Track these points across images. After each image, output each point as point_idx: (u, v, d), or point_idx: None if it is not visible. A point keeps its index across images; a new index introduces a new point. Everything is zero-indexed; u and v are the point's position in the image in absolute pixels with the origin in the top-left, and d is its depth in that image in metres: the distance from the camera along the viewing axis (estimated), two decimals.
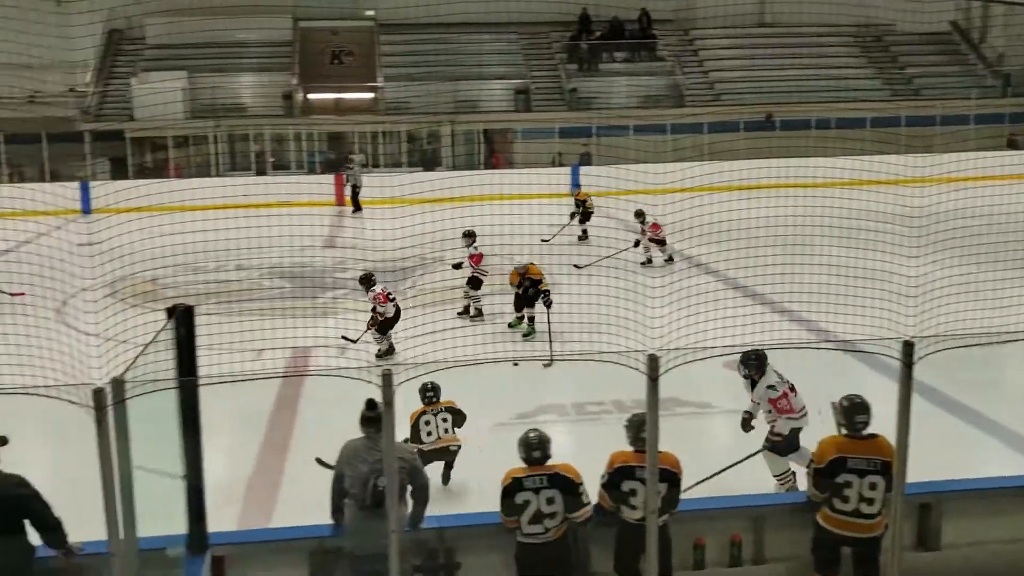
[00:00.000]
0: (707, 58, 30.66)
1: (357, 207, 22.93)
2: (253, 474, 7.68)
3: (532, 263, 11.59)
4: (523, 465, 5.13)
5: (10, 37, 12.37)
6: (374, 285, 10.80)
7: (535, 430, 5.24)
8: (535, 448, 5.11)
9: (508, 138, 28.90)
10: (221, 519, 5.67)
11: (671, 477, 5.09)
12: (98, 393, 4.06)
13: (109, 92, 27.42)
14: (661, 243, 15.72)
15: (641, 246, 15.75)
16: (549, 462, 5.14)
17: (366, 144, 28.09)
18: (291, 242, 14.34)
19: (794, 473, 6.96)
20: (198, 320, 5.29)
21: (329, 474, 5.44)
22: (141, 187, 15.31)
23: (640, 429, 5.02)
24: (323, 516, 5.38)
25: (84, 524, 4.95)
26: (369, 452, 5.11)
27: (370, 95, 28.46)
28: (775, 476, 7.00)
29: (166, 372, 5.12)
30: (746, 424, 7.11)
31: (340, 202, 24.51)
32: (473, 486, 7.08)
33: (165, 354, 5.14)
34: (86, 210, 22.03)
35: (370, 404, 5.15)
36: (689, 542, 5.51)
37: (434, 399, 7.17)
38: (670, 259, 15.75)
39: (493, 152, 28.90)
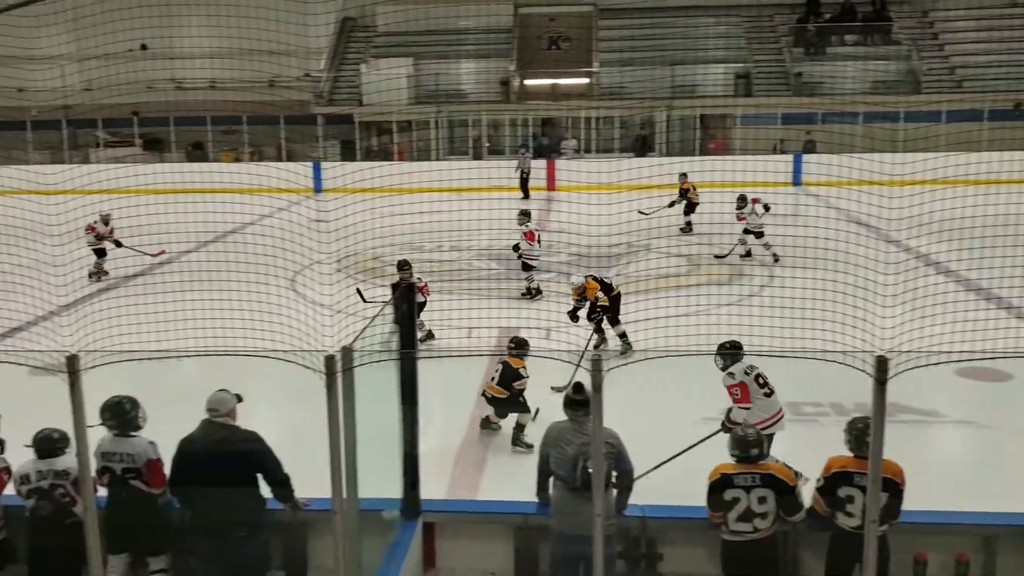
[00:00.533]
0: (948, 41, 28.47)
1: (526, 194, 23.12)
2: (461, 447, 7.92)
3: (589, 279, 10.32)
4: (731, 461, 5.01)
5: (254, 25, 13.27)
6: (411, 271, 10.69)
7: (751, 427, 5.08)
8: (753, 446, 4.97)
9: (727, 124, 28.15)
10: (432, 487, 5.90)
11: (893, 487, 4.80)
12: (330, 360, 4.29)
13: (341, 77, 29.06)
14: (759, 234, 14.80)
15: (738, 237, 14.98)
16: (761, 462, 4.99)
17: (579, 129, 28.24)
18: (502, 225, 14.63)
19: None
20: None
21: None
22: (367, 169, 16.14)
23: (863, 434, 4.76)
24: (524, 492, 5.48)
25: (308, 482, 5.31)
26: (575, 435, 5.14)
27: (585, 80, 28.55)
28: None
29: (388, 344, 5.38)
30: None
31: (551, 187, 24.82)
32: (680, 477, 6.97)
33: (388, 327, 5.41)
34: (318, 189, 23.53)
35: (578, 388, 5.18)
36: (909, 556, 5.17)
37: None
38: (775, 258, 14.56)
39: (710, 138, 28.26)
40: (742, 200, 15.00)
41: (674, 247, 14.93)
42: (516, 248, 13.11)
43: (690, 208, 17.33)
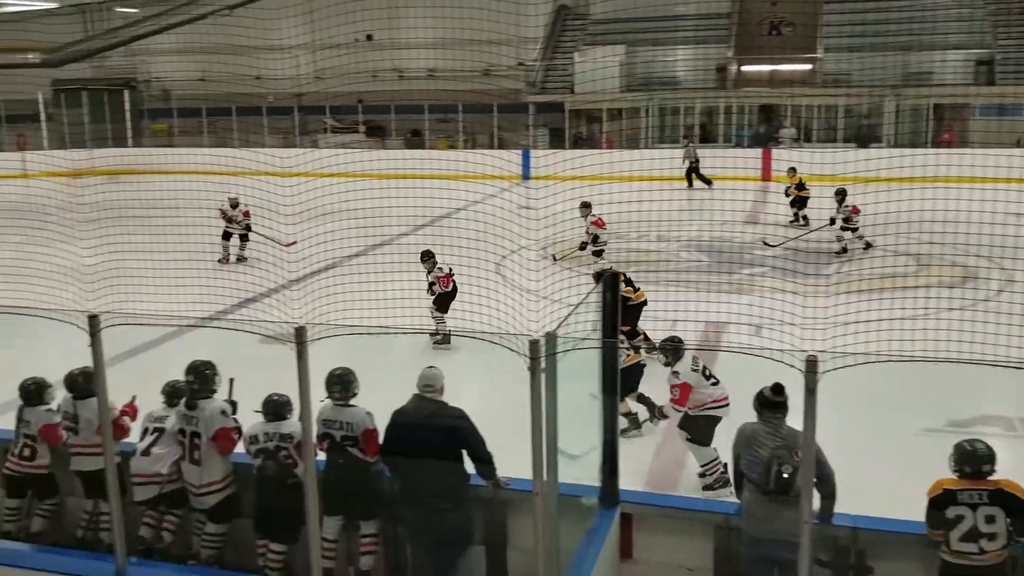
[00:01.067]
0: None
1: (690, 183, 22.99)
2: (662, 441, 7.83)
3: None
4: (953, 476, 4.65)
5: (472, 15, 13.60)
6: (435, 261, 10.74)
7: (980, 441, 4.70)
8: (985, 461, 4.60)
9: (964, 115, 26.10)
10: (629, 479, 5.86)
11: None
12: (534, 344, 4.35)
13: (553, 66, 29.37)
14: (854, 229, 14.83)
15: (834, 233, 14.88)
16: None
17: (799, 118, 27.09)
18: (712, 216, 14.27)
19: (724, 464, 6.58)
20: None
21: None
22: (576, 157, 16.21)
23: None
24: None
25: (509, 462, 5.41)
26: (768, 437, 4.93)
27: (807, 67, 27.33)
28: (701, 466, 6.90)
29: (591, 332, 5.38)
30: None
31: (766, 177, 23.99)
32: (894, 490, 6.56)
33: (591, 315, 5.41)
34: (526, 176, 23.94)
35: (777, 389, 4.97)
36: None
37: None
38: (867, 246, 14.81)
39: (944, 129, 26.30)
40: (841, 194, 15.03)
41: (901, 244, 14.00)
42: (583, 246, 13.41)
43: (801, 203, 17.52)
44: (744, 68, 28.04)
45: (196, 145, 27.88)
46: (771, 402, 5.00)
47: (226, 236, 15.10)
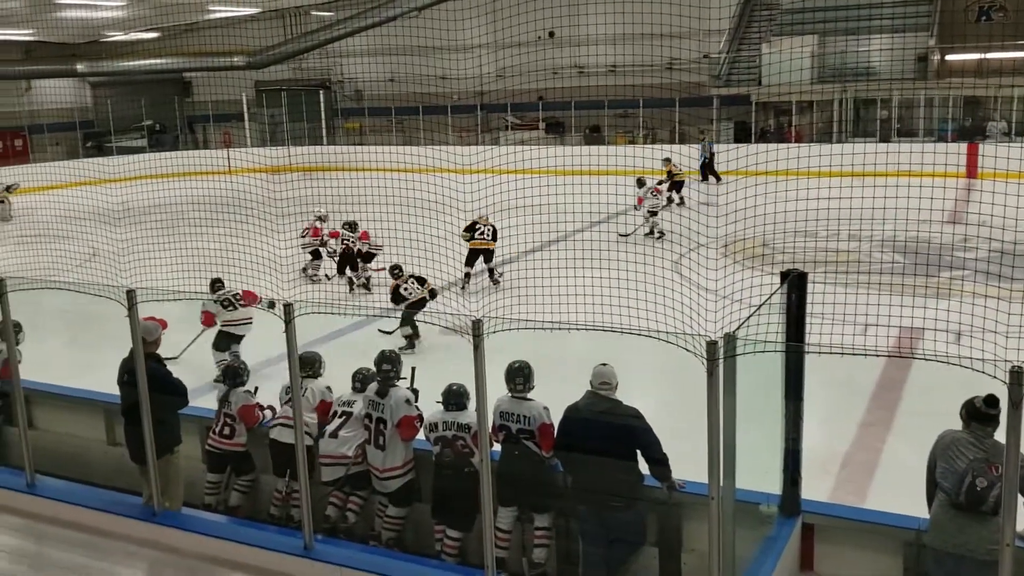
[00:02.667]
0: None
1: (704, 177, 23.39)
2: (849, 450, 7.46)
3: None
4: None
5: (655, 9, 13.42)
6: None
7: None
8: None
9: None
10: (813, 488, 5.62)
11: None
12: (712, 346, 4.25)
13: (739, 58, 28.56)
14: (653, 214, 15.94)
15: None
16: None
17: (1010, 110, 25.10)
18: (909, 215, 13.46)
19: None
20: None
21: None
22: (762, 151, 15.65)
23: None
24: (918, 507, 5.00)
25: (682, 464, 5.32)
26: (969, 448, 4.58)
27: (1022, 54, 25.26)
28: None
29: (774, 335, 5.18)
30: None
31: (971, 174, 22.37)
32: None
33: (774, 317, 5.21)
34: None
35: (991, 401, 4.60)
36: None
37: None
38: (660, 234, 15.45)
39: None
40: (640, 183, 16.51)
41: None
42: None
43: (677, 187, 19.33)
44: (949, 57, 26.25)
45: (385, 143, 29.02)
46: (982, 414, 4.65)
47: (316, 255, 14.71)
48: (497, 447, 5.64)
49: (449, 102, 29.24)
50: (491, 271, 13.47)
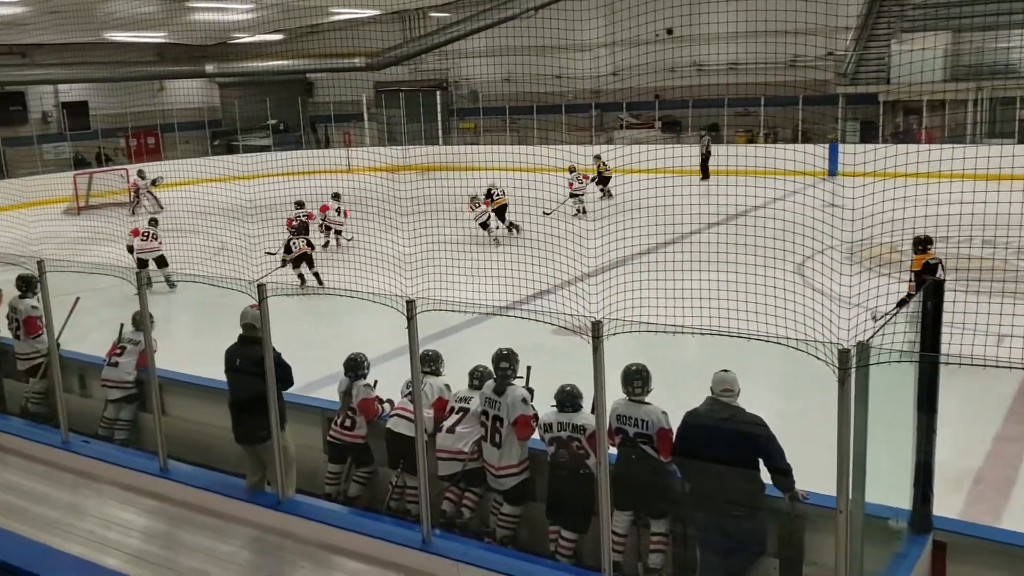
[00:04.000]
0: None
1: (705, 174, 23.92)
2: (984, 465, 7.11)
3: None
4: None
5: (779, 5, 13.07)
6: None
7: None
8: None
9: None
10: (945, 504, 5.37)
11: None
12: (844, 354, 4.11)
13: (867, 55, 27.55)
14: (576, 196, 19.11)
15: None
16: None
17: None
18: None
19: None
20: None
21: None
22: (889, 152, 15.07)
23: None
24: None
25: (806, 474, 5.16)
26: None
27: None
28: None
29: (906, 344, 4.97)
30: None
31: None
32: None
33: (907, 325, 5.00)
34: (833, 172, 22.65)
35: None
36: None
37: None
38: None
39: None
40: (571, 171, 19.94)
41: None
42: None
43: (603, 181, 22.04)
44: None
45: (499, 142, 29.23)
46: None
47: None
48: (613, 450, 5.59)
49: (564, 101, 29.22)
50: (511, 225, 17.99)
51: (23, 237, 13.68)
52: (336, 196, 18.61)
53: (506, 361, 6.14)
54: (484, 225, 18.08)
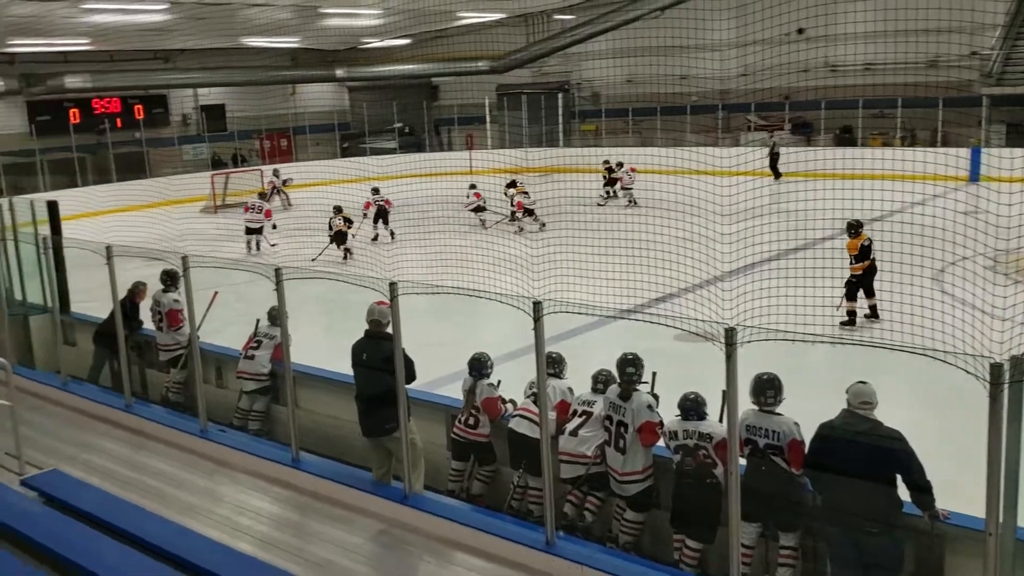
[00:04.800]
0: None
1: (777, 174, 23.71)
2: None
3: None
4: None
5: (919, 3, 12.53)
6: None
7: None
8: None
9: None
10: None
11: None
12: (996, 368, 3.90)
13: (1015, 54, 26.06)
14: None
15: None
16: None
17: None
18: None
19: None
20: None
21: None
22: None
23: None
24: None
25: (950, 494, 4.91)
26: None
27: None
28: None
29: None
30: None
31: None
32: None
33: None
34: (974, 177, 21.54)
35: None
36: None
37: None
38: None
39: None
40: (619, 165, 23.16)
41: None
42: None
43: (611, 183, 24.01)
44: None
45: (621, 144, 29.04)
46: None
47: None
48: (740, 461, 5.46)
49: (689, 102, 28.78)
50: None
51: (165, 233, 14.43)
52: (376, 190, 20.10)
53: (632, 366, 6.08)
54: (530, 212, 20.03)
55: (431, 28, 28.85)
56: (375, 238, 19.64)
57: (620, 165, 23.80)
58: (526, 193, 20.61)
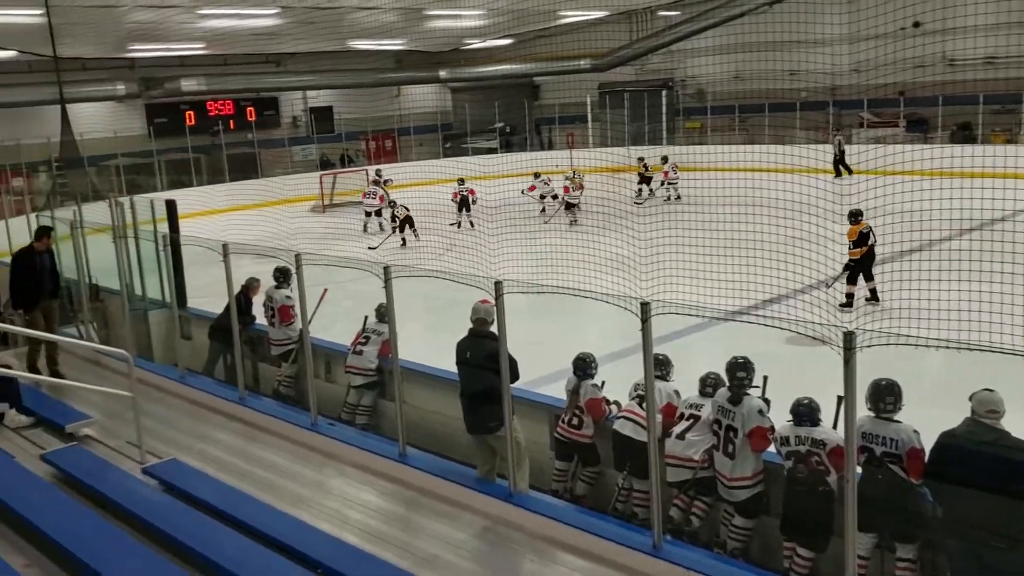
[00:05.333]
0: None
1: (838, 172, 23.87)
2: None
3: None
4: None
5: None
6: None
7: None
8: None
9: None
10: None
11: None
12: None
13: None
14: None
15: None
16: None
17: None
18: None
19: None
20: None
21: None
22: None
23: None
24: None
25: None
26: None
27: None
28: None
29: None
30: None
31: None
32: None
33: None
34: None
35: None
36: None
37: None
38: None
39: None
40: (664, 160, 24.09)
41: None
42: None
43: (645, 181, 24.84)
44: None
45: (726, 142, 28.50)
46: None
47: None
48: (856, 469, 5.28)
49: (798, 99, 28.03)
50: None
51: (276, 232, 14.85)
52: (461, 181, 21.72)
53: (743, 370, 5.96)
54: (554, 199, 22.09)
55: (533, 28, 28.88)
56: (458, 224, 21.11)
57: (665, 160, 24.80)
58: (581, 187, 21.79)
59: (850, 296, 12.18)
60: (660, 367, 6.58)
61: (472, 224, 20.49)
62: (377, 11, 22.57)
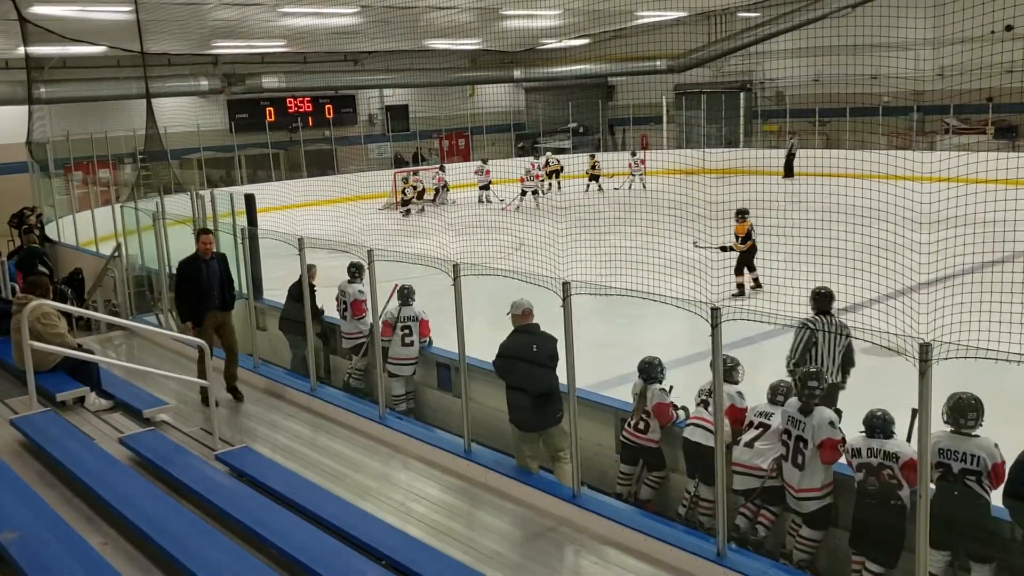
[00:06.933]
0: None
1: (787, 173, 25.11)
2: None
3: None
4: None
5: None
6: None
7: None
8: None
9: None
10: None
11: None
12: None
13: None
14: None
15: None
16: None
17: None
18: None
19: None
20: None
21: None
22: None
23: None
24: None
25: None
26: None
27: None
28: None
29: None
30: None
31: None
32: None
33: None
34: None
35: None
36: None
37: None
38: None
39: None
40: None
41: None
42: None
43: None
44: None
45: (806, 146, 27.98)
46: None
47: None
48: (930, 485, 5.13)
49: (880, 103, 27.38)
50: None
51: (349, 227, 15.07)
52: (484, 160, 25.51)
53: (815, 380, 5.85)
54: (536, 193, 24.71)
55: (609, 28, 28.76)
56: (480, 200, 26.01)
57: (634, 153, 28.06)
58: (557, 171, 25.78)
59: (740, 286, 13.96)
60: (728, 371, 6.50)
61: (489, 200, 25.77)
62: (453, 11, 22.74)
